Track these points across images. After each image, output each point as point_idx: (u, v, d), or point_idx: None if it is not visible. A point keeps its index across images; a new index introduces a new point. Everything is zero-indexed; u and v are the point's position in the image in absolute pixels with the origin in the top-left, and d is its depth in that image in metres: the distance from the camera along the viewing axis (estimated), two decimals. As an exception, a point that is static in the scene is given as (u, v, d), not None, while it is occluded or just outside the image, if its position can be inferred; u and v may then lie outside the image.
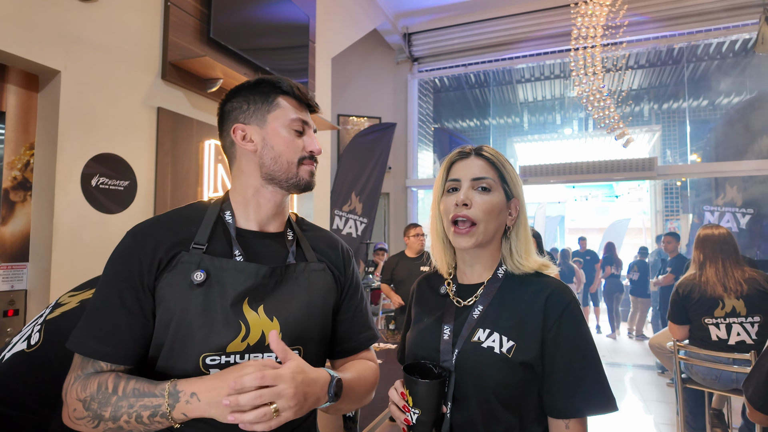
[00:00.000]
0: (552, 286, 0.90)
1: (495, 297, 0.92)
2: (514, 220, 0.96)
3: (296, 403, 0.72)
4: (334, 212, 5.41)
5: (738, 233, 5.53)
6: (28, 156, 1.99)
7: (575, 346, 0.85)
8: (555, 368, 0.85)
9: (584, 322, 0.88)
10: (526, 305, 0.89)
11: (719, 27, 5.20)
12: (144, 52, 2.40)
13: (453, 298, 0.97)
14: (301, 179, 0.91)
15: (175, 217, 0.88)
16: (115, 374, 0.77)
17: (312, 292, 0.90)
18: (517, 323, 0.87)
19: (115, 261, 0.82)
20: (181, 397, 0.72)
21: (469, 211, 0.91)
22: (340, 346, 1.00)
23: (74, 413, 0.75)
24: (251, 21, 3.10)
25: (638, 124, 8.19)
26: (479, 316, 0.91)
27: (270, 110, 0.91)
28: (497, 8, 5.83)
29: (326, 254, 0.98)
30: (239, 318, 0.81)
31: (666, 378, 4.66)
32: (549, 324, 0.86)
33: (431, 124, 7.24)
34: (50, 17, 1.95)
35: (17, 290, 1.92)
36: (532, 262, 0.94)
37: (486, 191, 0.92)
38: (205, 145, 2.75)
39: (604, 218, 13.77)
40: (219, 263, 0.83)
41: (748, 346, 2.29)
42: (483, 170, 0.93)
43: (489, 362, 0.85)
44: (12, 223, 1.92)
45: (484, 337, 0.88)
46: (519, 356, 0.84)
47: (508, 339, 0.86)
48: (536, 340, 0.85)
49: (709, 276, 2.44)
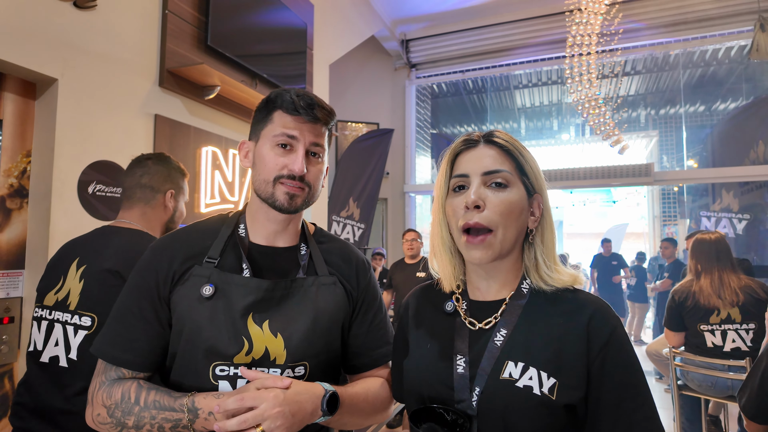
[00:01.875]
0: (593, 306, 0.73)
1: (521, 319, 0.74)
2: (537, 221, 0.78)
3: (283, 422, 0.73)
4: (332, 218, 5.41)
5: (734, 239, 5.55)
6: (25, 163, 2.00)
7: (626, 382, 0.68)
8: (602, 408, 0.68)
9: (633, 350, 0.71)
10: (563, 330, 0.71)
11: (714, 34, 5.23)
12: (141, 59, 2.42)
13: (465, 318, 0.78)
14: (275, 200, 0.86)
15: (193, 231, 0.91)
16: (137, 383, 0.81)
17: (319, 307, 0.88)
18: (555, 355, 0.70)
19: (135, 273, 0.87)
20: (200, 414, 0.76)
21: (483, 215, 0.73)
22: (353, 362, 0.97)
23: (98, 417, 0.80)
24: (249, 28, 3.11)
25: (635, 129, 8.24)
26: (504, 344, 0.72)
27: (265, 125, 0.89)
28: (494, 15, 5.88)
29: (339, 267, 0.96)
30: (243, 333, 0.82)
31: (664, 384, 4.66)
32: (594, 354, 0.69)
33: (429, 130, 7.26)
34: (47, 25, 1.96)
35: (13, 298, 1.92)
36: (564, 274, 0.76)
37: (502, 187, 0.74)
38: (202, 152, 2.76)
39: (603, 223, 13.79)
40: (226, 278, 0.84)
41: (743, 352, 2.30)
42: (496, 161, 0.75)
43: (526, 407, 0.67)
44: (8, 230, 1.93)
45: (518, 374, 0.69)
46: (563, 397, 0.67)
47: (549, 375, 0.68)
48: (581, 375, 0.68)
49: (704, 286, 2.44)
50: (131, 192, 1.37)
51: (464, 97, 7.79)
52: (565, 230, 14.57)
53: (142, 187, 1.36)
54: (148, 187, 1.37)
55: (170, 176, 1.42)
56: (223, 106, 2.91)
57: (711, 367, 2.36)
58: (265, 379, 0.78)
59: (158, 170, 1.39)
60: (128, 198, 1.38)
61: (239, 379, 0.81)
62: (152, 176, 1.38)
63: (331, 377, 0.93)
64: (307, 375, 0.86)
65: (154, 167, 1.39)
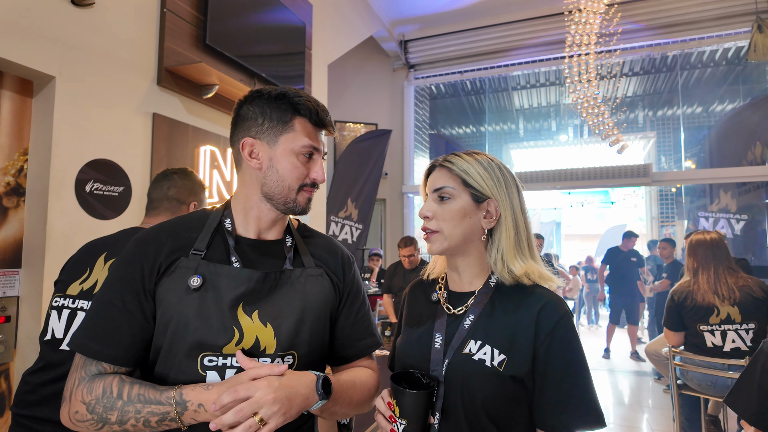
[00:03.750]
0: (545, 299, 0.88)
1: (486, 307, 0.91)
2: (493, 222, 0.92)
3: (280, 408, 0.74)
4: (330, 218, 5.41)
5: (732, 239, 5.56)
6: (22, 161, 1.98)
7: (566, 362, 0.84)
8: (546, 384, 0.84)
9: (576, 336, 0.87)
10: (518, 317, 0.87)
11: (712, 35, 5.25)
12: (139, 57, 2.40)
13: (443, 304, 0.96)
14: (297, 205, 0.91)
15: (178, 223, 0.91)
16: (119, 378, 0.79)
17: (307, 298, 0.90)
18: (509, 336, 0.86)
19: (118, 266, 0.85)
20: (189, 406, 0.75)
21: (431, 223, 0.93)
22: (339, 353, 1.00)
23: (75, 415, 0.77)
24: (247, 27, 3.11)
25: (633, 130, 8.25)
26: (470, 327, 0.89)
27: (284, 131, 0.89)
28: (493, 16, 5.88)
29: (325, 260, 0.98)
30: (233, 323, 0.83)
31: (662, 384, 4.66)
32: (541, 338, 0.85)
33: (427, 131, 7.26)
34: (45, 23, 1.95)
35: (9, 297, 1.90)
36: (527, 268, 0.90)
37: (445, 200, 0.92)
38: (200, 151, 2.75)
39: (601, 224, 13.81)
40: (215, 269, 0.84)
41: (743, 352, 2.30)
42: (443, 180, 0.93)
43: (479, 375, 0.84)
44: (5, 229, 1.91)
45: (476, 349, 0.86)
46: (510, 370, 0.84)
47: (500, 352, 0.85)
48: (528, 355, 0.84)
49: (701, 284, 2.45)
50: (158, 203, 1.51)
51: (462, 99, 7.79)
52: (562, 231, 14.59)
53: (169, 199, 1.50)
54: (175, 198, 1.51)
55: (194, 190, 1.56)
56: (221, 105, 2.89)
57: (711, 366, 2.36)
58: (260, 367, 0.78)
59: (184, 184, 1.54)
60: (155, 208, 1.51)
61: (228, 369, 0.82)
62: (179, 189, 1.52)
63: (318, 369, 0.94)
64: (295, 365, 0.87)
65: (180, 181, 1.53)
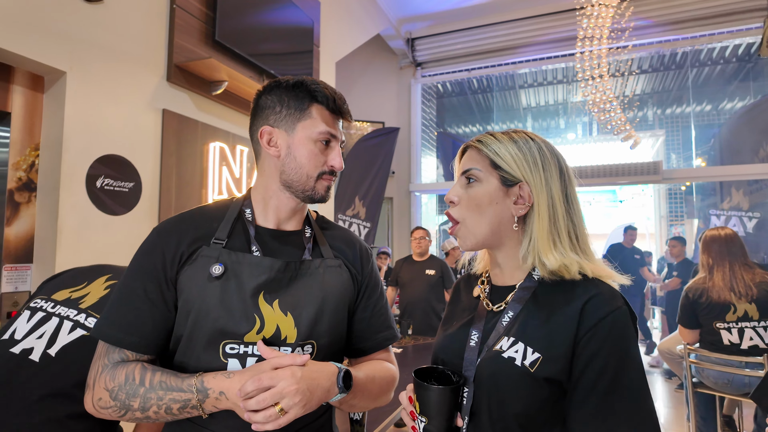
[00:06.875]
0: (596, 290, 0.74)
1: (528, 303, 0.79)
2: (526, 208, 0.80)
3: (301, 399, 0.74)
4: (338, 216, 5.40)
5: (744, 237, 5.48)
6: (33, 157, 1.98)
7: (606, 364, 0.69)
8: (578, 388, 0.70)
9: (630, 337, 0.71)
10: (560, 312, 0.74)
11: (723, 31, 5.19)
12: (149, 53, 2.40)
13: (484, 300, 0.86)
14: (316, 193, 0.91)
15: (199, 214, 0.92)
16: (141, 365, 0.80)
17: (326, 288, 0.90)
18: (547, 333, 0.74)
19: (140, 256, 0.86)
20: (210, 394, 0.76)
21: (453, 210, 0.83)
22: (356, 345, 0.99)
23: (99, 402, 0.78)
24: (256, 24, 3.10)
25: (642, 128, 8.17)
26: (508, 324, 0.79)
27: (301, 118, 0.90)
28: (500, 13, 5.85)
29: (343, 252, 0.98)
30: (255, 311, 0.83)
31: (673, 384, 4.60)
32: (581, 333, 0.71)
33: (434, 129, 7.24)
34: (56, 19, 1.95)
35: (21, 292, 1.90)
36: (565, 261, 0.77)
37: (472, 183, 0.82)
38: (209, 147, 2.74)
39: (608, 223, 13.72)
40: (236, 257, 0.85)
41: (761, 350, 2.25)
42: (470, 161, 0.83)
43: (507, 375, 0.73)
44: (16, 224, 1.91)
45: (507, 347, 0.76)
46: (543, 371, 0.71)
47: (534, 351, 0.73)
48: (566, 354, 0.71)
49: (716, 281, 2.41)
50: None
51: (470, 97, 7.75)
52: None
53: None
54: None
55: None
56: (230, 101, 2.89)
57: (727, 363, 2.32)
58: (282, 357, 0.78)
59: None
60: None
61: (249, 357, 0.82)
62: None
63: (336, 359, 0.93)
64: (314, 354, 0.87)
65: None
